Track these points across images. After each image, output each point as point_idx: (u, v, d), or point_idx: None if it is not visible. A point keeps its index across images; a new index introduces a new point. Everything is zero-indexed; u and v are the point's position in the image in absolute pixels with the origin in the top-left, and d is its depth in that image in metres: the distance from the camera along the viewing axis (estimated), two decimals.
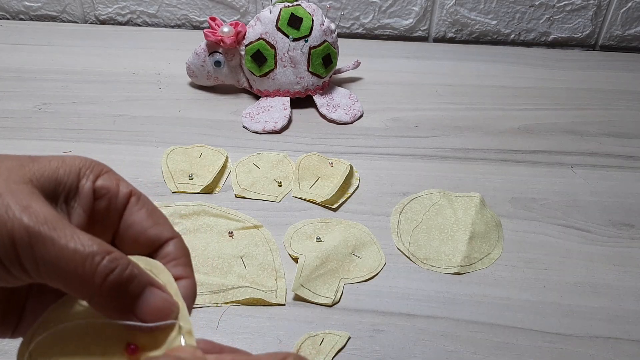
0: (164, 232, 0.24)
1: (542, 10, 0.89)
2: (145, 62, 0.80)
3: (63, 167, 0.22)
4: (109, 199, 0.23)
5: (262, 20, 0.67)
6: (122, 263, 0.21)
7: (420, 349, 0.41)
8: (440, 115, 0.70)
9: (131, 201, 0.24)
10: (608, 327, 0.44)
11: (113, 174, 0.24)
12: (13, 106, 0.68)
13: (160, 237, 0.24)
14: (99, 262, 0.20)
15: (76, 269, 0.20)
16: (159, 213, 0.24)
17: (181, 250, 0.24)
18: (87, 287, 0.20)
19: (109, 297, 0.20)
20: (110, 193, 0.23)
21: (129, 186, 0.24)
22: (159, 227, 0.24)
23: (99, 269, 0.20)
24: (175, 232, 0.25)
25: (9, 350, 0.40)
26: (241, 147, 0.62)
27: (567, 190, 0.58)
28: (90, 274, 0.20)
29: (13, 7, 0.92)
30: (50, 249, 0.19)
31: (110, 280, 0.20)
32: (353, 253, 0.49)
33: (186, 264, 0.24)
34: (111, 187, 0.23)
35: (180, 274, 0.24)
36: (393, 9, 0.89)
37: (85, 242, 0.20)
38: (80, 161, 0.23)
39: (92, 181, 0.23)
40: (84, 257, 0.20)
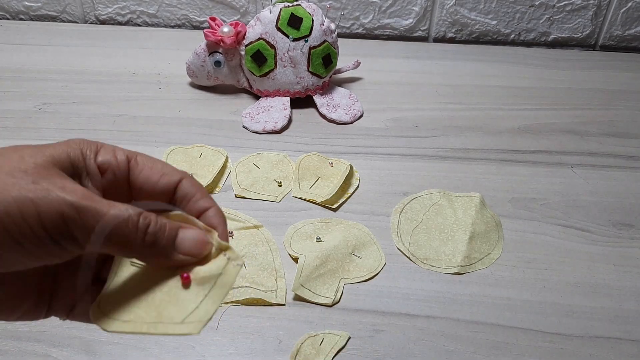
0: (172, 178, 0.26)
1: (542, 10, 0.89)
2: (145, 62, 0.80)
3: (72, 150, 0.24)
4: (113, 172, 0.25)
5: (262, 20, 0.67)
6: (152, 218, 0.24)
7: (420, 349, 0.41)
8: (440, 115, 0.70)
9: (131, 165, 0.26)
10: (608, 327, 0.44)
11: (108, 147, 0.26)
12: (13, 106, 0.68)
13: (171, 183, 0.26)
14: (136, 221, 0.23)
15: (121, 229, 0.22)
16: (159, 164, 0.26)
17: (194, 186, 0.26)
18: (133, 243, 0.23)
19: (152, 246, 0.23)
20: (112, 166, 0.25)
21: (124, 152, 0.26)
22: (166, 176, 0.26)
23: (139, 226, 0.23)
24: (182, 172, 0.27)
25: (9, 351, 0.40)
26: (241, 147, 0.62)
27: (567, 190, 0.58)
28: (133, 231, 0.23)
29: (13, 7, 0.92)
30: (96, 218, 0.22)
31: (150, 232, 0.23)
32: (353, 253, 0.49)
33: (205, 196, 0.26)
34: (111, 160, 0.25)
35: (203, 205, 0.26)
36: (393, 9, 0.89)
37: (121, 207, 0.23)
38: (80, 142, 0.25)
39: (94, 159, 0.25)
40: (125, 220, 0.22)
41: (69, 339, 0.41)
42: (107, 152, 0.25)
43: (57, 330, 0.41)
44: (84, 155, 0.25)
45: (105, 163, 0.25)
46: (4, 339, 0.41)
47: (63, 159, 0.24)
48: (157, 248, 0.24)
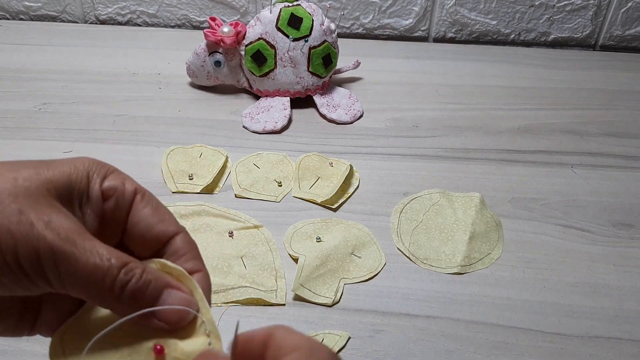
0: (169, 228, 0.24)
1: (542, 10, 0.89)
2: (145, 62, 0.80)
3: (75, 172, 0.23)
4: (117, 199, 0.24)
5: (262, 20, 0.67)
6: (137, 272, 0.22)
7: (420, 349, 0.41)
8: (440, 115, 0.70)
9: (136, 199, 0.24)
10: (608, 327, 0.44)
11: (118, 174, 0.25)
12: (13, 106, 0.68)
13: (166, 233, 0.24)
14: (116, 274, 0.21)
15: (97, 282, 0.21)
16: (163, 209, 0.25)
17: (188, 244, 0.25)
18: (108, 298, 0.21)
19: (128, 305, 0.22)
20: (117, 193, 0.24)
21: (134, 184, 0.25)
22: (164, 224, 0.24)
23: (117, 281, 0.21)
24: (180, 226, 0.25)
25: (9, 351, 0.40)
26: (241, 147, 0.62)
27: (567, 190, 0.58)
28: (109, 286, 0.21)
29: (13, 7, 0.92)
30: (72, 265, 0.21)
31: (128, 290, 0.21)
32: (353, 253, 0.49)
33: (195, 257, 0.25)
34: (118, 186, 0.24)
35: (192, 267, 0.24)
36: (393, 9, 0.89)
37: (103, 255, 0.21)
38: (89, 163, 0.24)
39: (100, 183, 0.24)
40: (104, 272, 0.21)
41: None
42: (116, 178, 0.24)
43: None
44: (90, 178, 0.24)
45: (111, 189, 0.24)
46: (4, 338, 0.40)
47: (62, 183, 0.22)
48: (134, 308, 0.22)
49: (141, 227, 0.24)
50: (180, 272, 0.23)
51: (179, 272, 0.23)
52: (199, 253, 0.25)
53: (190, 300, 0.23)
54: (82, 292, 0.21)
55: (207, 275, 0.25)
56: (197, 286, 0.23)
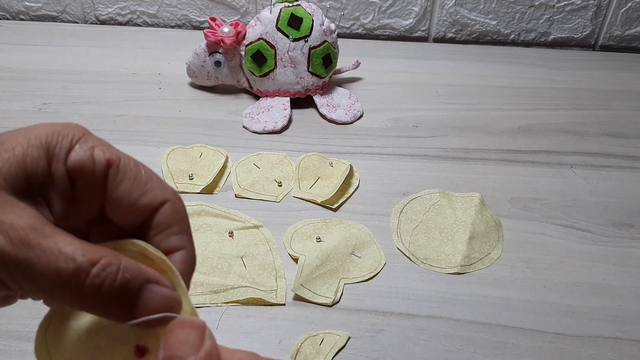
0: (153, 199, 0.21)
1: (542, 10, 0.89)
2: (146, 62, 0.80)
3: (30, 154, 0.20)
4: (85, 179, 0.21)
5: (262, 20, 0.67)
6: (111, 271, 0.19)
7: (420, 349, 0.41)
8: (440, 115, 0.70)
9: (110, 174, 0.21)
10: (608, 327, 0.44)
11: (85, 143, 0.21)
12: (13, 106, 0.68)
13: (151, 205, 0.21)
14: (84, 278, 0.18)
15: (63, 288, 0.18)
16: (143, 177, 0.21)
17: (175, 214, 0.22)
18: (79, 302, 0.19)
19: (103, 308, 0.19)
20: (85, 170, 0.21)
21: (106, 152, 0.21)
22: (147, 195, 0.21)
23: (86, 285, 0.18)
24: (168, 192, 0.22)
25: (9, 351, 0.40)
26: (241, 147, 0.62)
27: (567, 190, 0.58)
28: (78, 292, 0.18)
29: (13, 7, 0.92)
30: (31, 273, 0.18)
31: (102, 293, 0.19)
32: (353, 253, 0.49)
33: (180, 232, 0.22)
34: (85, 162, 0.20)
35: (175, 244, 0.22)
36: (393, 9, 0.89)
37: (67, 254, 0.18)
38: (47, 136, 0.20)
39: (64, 161, 0.20)
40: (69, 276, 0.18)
41: None
42: (81, 151, 0.21)
43: None
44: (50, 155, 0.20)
45: (77, 167, 0.20)
46: (4, 338, 0.41)
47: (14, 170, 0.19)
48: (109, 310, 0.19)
49: (123, 204, 0.21)
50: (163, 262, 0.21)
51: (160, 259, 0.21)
52: (187, 225, 0.22)
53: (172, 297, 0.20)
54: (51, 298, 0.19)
55: (191, 254, 0.22)
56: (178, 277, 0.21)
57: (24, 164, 0.19)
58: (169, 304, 0.20)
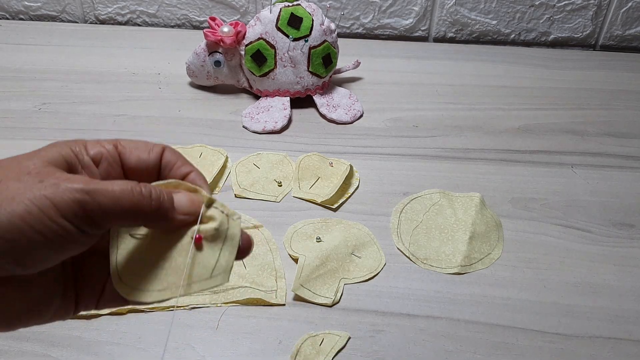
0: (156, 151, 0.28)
1: (543, 10, 0.89)
2: (145, 62, 0.80)
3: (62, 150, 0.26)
4: (107, 160, 0.28)
5: (262, 20, 0.67)
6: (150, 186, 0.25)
7: (420, 349, 0.41)
8: (440, 115, 0.70)
9: (120, 151, 0.28)
10: (608, 327, 0.44)
11: (93, 141, 0.28)
12: (13, 106, 0.68)
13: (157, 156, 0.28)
14: (140, 190, 0.25)
15: (131, 200, 0.24)
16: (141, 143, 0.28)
17: (174, 154, 0.29)
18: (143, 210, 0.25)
19: (158, 210, 0.25)
20: (104, 154, 0.27)
21: (109, 140, 0.28)
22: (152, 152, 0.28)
23: (143, 193, 0.25)
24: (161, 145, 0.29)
25: (9, 351, 0.40)
26: (241, 147, 0.62)
27: (567, 190, 0.58)
28: (141, 199, 0.25)
29: (13, 7, 0.92)
30: (107, 195, 0.24)
31: (153, 197, 0.25)
32: (353, 253, 0.49)
33: (185, 163, 0.29)
34: (102, 150, 0.27)
35: (185, 171, 0.28)
36: (393, 9, 0.89)
37: (121, 183, 0.25)
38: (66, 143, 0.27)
39: (86, 154, 0.27)
40: (130, 191, 0.24)
41: (69, 339, 0.41)
42: (95, 145, 0.28)
43: (57, 331, 0.41)
44: (75, 152, 0.27)
45: (98, 154, 0.27)
46: (4, 339, 0.41)
47: (57, 158, 0.26)
48: (162, 211, 0.26)
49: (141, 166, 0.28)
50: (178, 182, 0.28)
51: (176, 183, 0.28)
52: (186, 159, 0.29)
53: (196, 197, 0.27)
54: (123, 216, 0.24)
55: (200, 173, 0.29)
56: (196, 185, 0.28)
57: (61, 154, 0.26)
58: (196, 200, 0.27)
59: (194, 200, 0.27)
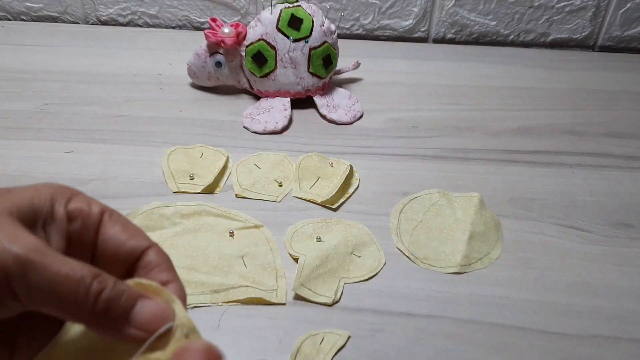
0: (141, 243, 0.25)
1: (542, 11, 0.89)
2: (146, 63, 0.80)
3: (37, 196, 0.23)
4: (83, 219, 0.24)
5: (263, 21, 0.67)
6: (110, 282, 0.21)
7: (420, 348, 0.42)
8: (440, 116, 0.70)
9: (104, 218, 0.25)
10: (607, 327, 0.44)
11: (83, 196, 0.25)
12: (15, 107, 0.68)
13: (138, 248, 0.24)
14: (89, 284, 0.20)
15: (69, 292, 0.20)
16: (132, 226, 0.25)
17: (161, 256, 0.25)
18: (82, 309, 0.21)
19: (103, 316, 0.21)
20: (83, 213, 0.24)
21: (100, 205, 0.25)
22: (135, 239, 0.25)
23: (90, 290, 0.20)
24: (152, 241, 0.25)
25: None
26: (242, 148, 0.62)
27: (566, 191, 0.58)
28: (83, 296, 0.20)
29: (14, 7, 0.93)
30: (43, 275, 0.20)
31: (102, 299, 0.21)
32: (353, 253, 0.49)
33: (169, 269, 0.25)
34: (83, 207, 0.24)
35: (165, 279, 0.24)
36: (393, 10, 0.90)
37: (74, 266, 0.21)
38: (52, 188, 0.24)
39: (64, 205, 0.24)
40: (77, 281, 0.20)
41: None
42: (81, 201, 0.24)
43: None
44: (53, 200, 0.24)
45: (76, 210, 0.24)
46: None
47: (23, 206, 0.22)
48: (108, 319, 0.21)
49: (112, 245, 0.24)
50: (156, 287, 0.23)
51: (154, 287, 0.23)
52: (172, 265, 0.25)
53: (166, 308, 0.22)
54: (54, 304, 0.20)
55: (182, 286, 0.25)
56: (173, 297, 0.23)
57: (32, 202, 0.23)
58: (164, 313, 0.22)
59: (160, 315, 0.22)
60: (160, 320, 0.22)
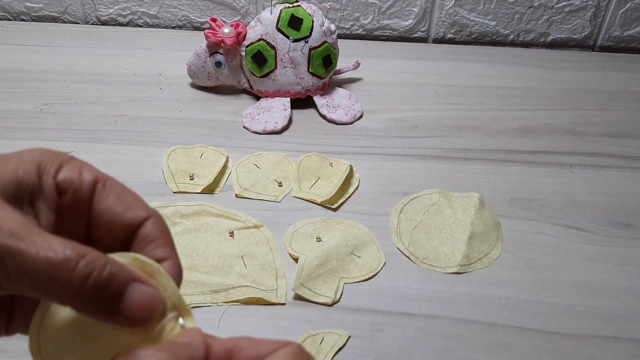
0: (137, 214, 0.23)
1: (541, 11, 0.89)
2: (146, 63, 0.80)
3: (22, 167, 0.21)
4: (74, 192, 0.22)
5: (263, 21, 0.67)
6: (99, 264, 0.19)
7: (419, 348, 0.42)
8: (439, 116, 0.70)
9: (97, 189, 0.23)
10: (607, 327, 0.44)
11: (74, 163, 0.23)
12: (15, 106, 0.68)
13: (135, 220, 0.23)
14: (73, 267, 0.19)
15: (51, 278, 0.19)
16: (129, 195, 0.23)
17: (158, 229, 0.23)
18: (66, 294, 0.19)
19: (89, 301, 0.19)
20: (74, 185, 0.22)
21: (93, 172, 0.23)
22: (131, 211, 0.23)
23: (74, 274, 0.19)
24: (151, 210, 0.23)
25: (10, 350, 0.40)
26: (242, 148, 0.62)
27: (566, 190, 0.58)
28: (66, 281, 0.19)
29: (14, 8, 0.93)
30: (20, 262, 0.18)
31: (89, 284, 0.19)
32: (353, 253, 0.49)
33: (165, 244, 0.23)
34: (74, 178, 0.22)
35: (161, 255, 0.22)
36: (393, 10, 0.90)
37: (57, 248, 0.19)
38: (39, 155, 0.22)
39: (53, 176, 0.22)
40: (58, 265, 0.19)
41: None
42: (71, 169, 0.22)
43: None
44: (42, 170, 0.22)
45: (66, 181, 0.22)
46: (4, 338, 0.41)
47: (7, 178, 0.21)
48: (96, 304, 0.19)
49: (107, 218, 0.23)
50: (153, 268, 0.22)
51: (151, 267, 0.22)
52: (171, 239, 0.23)
53: (158, 296, 0.21)
54: (37, 290, 0.19)
55: (178, 264, 0.23)
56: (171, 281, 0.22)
57: (16, 174, 0.21)
58: (155, 302, 0.21)
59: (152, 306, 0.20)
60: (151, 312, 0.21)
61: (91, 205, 0.23)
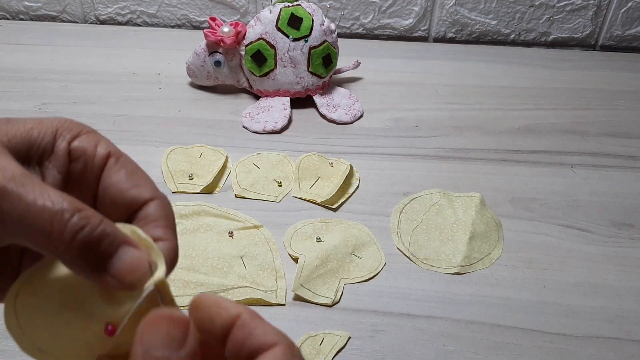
0: (143, 194, 0.23)
1: (542, 10, 0.89)
2: (145, 62, 0.80)
3: (38, 128, 0.22)
4: (85, 161, 0.23)
5: (262, 20, 0.67)
6: (93, 221, 0.19)
7: (420, 349, 0.41)
8: (440, 115, 0.70)
9: (109, 162, 0.23)
10: (608, 327, 0.44)
11: (93, 135, 0.23)
12: (13, 106, 0.68)
13: (139, 199, 0.23)
14: (68, 219, 0.19)
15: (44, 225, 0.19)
16: (140, 174, 0.23)
17: (161, 211, 0.23)
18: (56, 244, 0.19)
19: (79, 256, 0.19)
20: (87, 154, 0.22)
21: (109, 147, 0.23)
22: (138, 189, 0.23)
23: (68, 226, 0.19)
24: (158, 193, 0.23)
25: (8, 350, 0.40)
26: (241, 147, 0.62)
27: (567, 190, 0.58)
28: (58, 231, 0.19)
29: (13, 7, 0.92)
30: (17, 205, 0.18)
31: (79, 238, 0.19)
32: (353, 253, 0.49)
33: (166, 226, 0.23)
34: (88, 148, 0.23)
35: (158, 235, 0.22)
36: (393, 9, 0.89)
37: (54, 198, 0.19)
38: (59, 122, 0.22)
39: (68, 142, 0.22)
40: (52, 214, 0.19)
41: None
42: (88, 139, 0.23)
43: None
44: (57, 135, 0.22)
45: (80, 149, 0.22)
46: (4, 338, 0.41)
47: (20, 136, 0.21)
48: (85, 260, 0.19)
49: (112, 192, 0.22)
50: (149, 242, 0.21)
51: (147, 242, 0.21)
52: (173, 223, 0.23)
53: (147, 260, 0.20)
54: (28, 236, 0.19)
55: (174, 247, 0.22)
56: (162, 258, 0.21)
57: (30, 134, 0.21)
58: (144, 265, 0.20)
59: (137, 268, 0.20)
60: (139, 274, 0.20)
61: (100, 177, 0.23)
